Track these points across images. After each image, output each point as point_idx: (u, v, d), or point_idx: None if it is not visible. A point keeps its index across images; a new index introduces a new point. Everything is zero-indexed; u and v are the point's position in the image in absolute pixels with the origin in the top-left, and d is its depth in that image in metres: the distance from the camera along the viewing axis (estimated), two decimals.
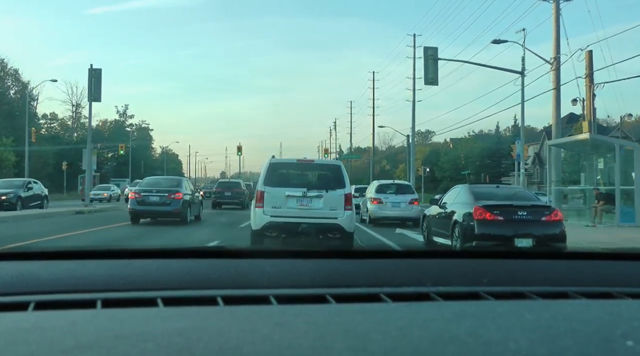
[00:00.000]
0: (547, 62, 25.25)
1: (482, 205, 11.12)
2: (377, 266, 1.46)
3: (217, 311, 1.06)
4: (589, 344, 0.85)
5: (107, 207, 32.67)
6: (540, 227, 11.09)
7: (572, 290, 1.28)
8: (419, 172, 60.86)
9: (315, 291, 1.21)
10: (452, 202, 12.60)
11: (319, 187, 11.57)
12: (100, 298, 1.13)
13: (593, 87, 25.88)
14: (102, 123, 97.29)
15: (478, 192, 12.11)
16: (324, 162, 16.07)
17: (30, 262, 1.43)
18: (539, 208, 11.55)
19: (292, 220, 11.15)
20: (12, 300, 1.11)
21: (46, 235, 14.98)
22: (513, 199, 11.88)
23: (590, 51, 25.18)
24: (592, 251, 1.84)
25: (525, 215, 11.13)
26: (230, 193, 31.64)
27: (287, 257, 1.56)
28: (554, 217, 11.30)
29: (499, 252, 1.71)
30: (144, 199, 18.79)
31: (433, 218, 13.55)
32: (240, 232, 15.93)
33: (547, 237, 10.98)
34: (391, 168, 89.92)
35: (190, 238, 15.04)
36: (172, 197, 18.86)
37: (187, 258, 1.50)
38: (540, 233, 10.98)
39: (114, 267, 1.38)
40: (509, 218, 11.00)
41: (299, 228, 11.11)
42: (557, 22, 25.13)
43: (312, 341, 0.84)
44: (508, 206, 11.24)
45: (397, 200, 20.32)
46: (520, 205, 11.38)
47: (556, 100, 25.00)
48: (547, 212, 11.42)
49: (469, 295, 1.23)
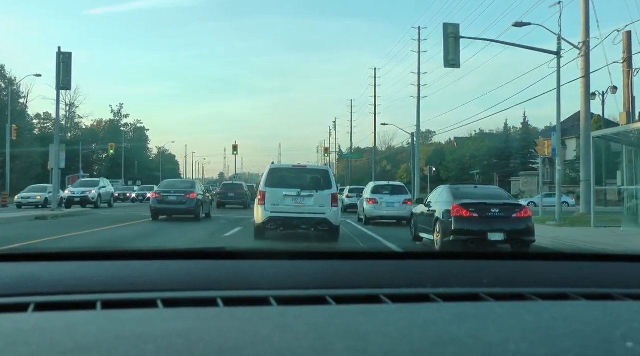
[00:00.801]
0: (575, 47, 22.94)
1: (459, 203, 12.32)
2: (377, 267, 1.46)
3: (217, 313, 1.06)
4: (589, 345, 0.85)
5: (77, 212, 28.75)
6: (511, 223, 12.19)
7: (572, 291, 1.28)
8: (425, 172, 59.23)
9: (316, 292, 1.21)
10: (435, 201, 13.77)
11: (311, 188, 13.80)
12: (100, 300, 1.12)
13: (632, 73, 22.82)
14: (97, 124, 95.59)
15: (457, 192, 13.28)
16: (315, 167, 18.48)
17: (30, 263, 1.43)
18: (510, 206, 12.70)
19: (288, 215, 13.39)
20: (12, 301, 1.11)
21: None
22: (488, 198, 12.99)
23: (629, 32, 22.39)
24: (591, 252, 1.84)
25: (497, 212, 12.30)
26: (234, 194, 34.02)
27: (287, 258, 1.56)
28: (524, 214, 12.48)
29: (499, 253, 1.71)
30: (163, 199, 21.62)
31: (419, 216, 14.81)
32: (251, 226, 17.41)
33: (516, 232, 12.13)
34: (392, 169, 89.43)
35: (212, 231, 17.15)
36: (188, 196, 21.54)
37: (187, 259, 1.49)
38: (510, 228, 12.09)
39: (113, 268, 1.38)
40: (483, 215, 12.18)
41: (294, 222, 13.48)
42: (586, 3, 23.22)
43: (312, 343, 0.84)
44: (482, 204, 12.38)
45: (392, 201, 21.48)
46: (493, 203, 12.56)
47: (586, 88, 22.84)
48: (518, 209, 12.57)
49: (469, 297, 1.23)
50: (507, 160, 66.17)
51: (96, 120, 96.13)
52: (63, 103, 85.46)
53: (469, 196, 12.88)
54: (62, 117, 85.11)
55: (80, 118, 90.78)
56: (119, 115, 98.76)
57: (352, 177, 74.28)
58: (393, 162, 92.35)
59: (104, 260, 1.48)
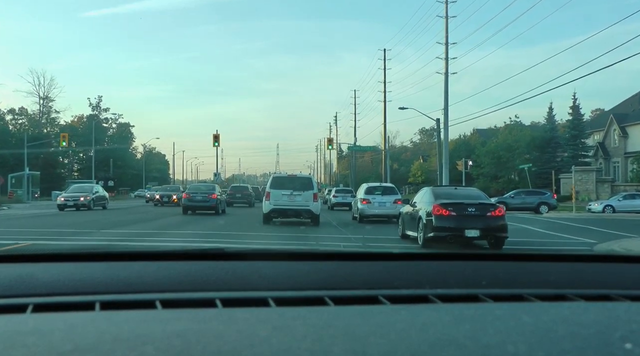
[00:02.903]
0: None
1: (439, 203, 13.69)
2: (375, 268, 1.47)
3: (216, 314, 1.06)
4: (588, 347, 0.85)
5: None
6: (486, 221, 13.46)
7: (571, 292, 1.28)
8: (459, 167, 48.85)
9: (314, 293, 1.21)
10: (419, 201, 15.14)
11: (299, 189, 20.61)
12: (98, 301, 1.12)
13: None
14: (77, 120, 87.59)
15: (438, 193, 14.73)
16: (303, 175, 25.08)
17: (29, 264, 1.43)
18: (485, 205, 13.99)
19: (284, 207, 20.48)
20: (11, 302, 1.11)
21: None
22: (466, 198, 14.31)
23: None
24: (590, 253, 1.84)
25: (473, 210, 13.62)
26: (240, 195, 41.67)
27: (286, 259, 1.56)
28: (498, 212, 13.71)
29: (498, 254, 1.71)
30: (192, 198, 28.94)
31: (406, 215, 16.10)
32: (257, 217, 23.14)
33: (490, 228, 13.41)
34: (400, 167, 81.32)
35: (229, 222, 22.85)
36: (210, 196, 29.01)
37: (186, 261, 1.49)
38: (485, 225, 13.38)
39: (112, 269, 1.38)
40: (460, 213, 13.46)
41: (288, 212, 20.49)
42: None
43: (311, 344, 0.84)
44: (460, 204, 13.71)
45: (383, 201, 23.68)
46: (470, 202, 13.91)
47: None
48: (492, 208, 13.81)
49: (467, 298, 1.23)
50: (554, 153, 55.71)
51: (77, 116, 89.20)
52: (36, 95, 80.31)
53: (449, 197, 14.30)
54: (36, 112, 79.42)
55: (57, 113, 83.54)
56: (97, 108, 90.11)
57: (358, 177, 65.37)
58: (398, 161, 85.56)
59: (103, 261, 1.48)
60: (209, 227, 19.50)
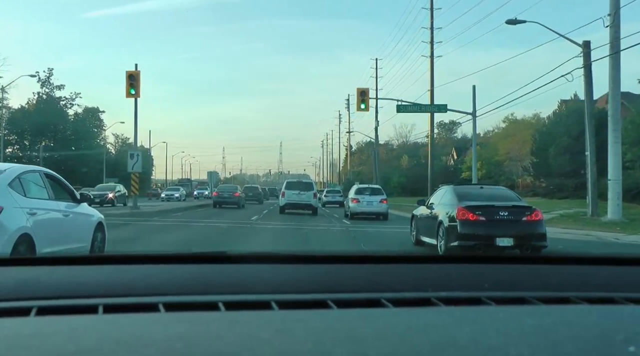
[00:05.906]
0: None
1: (464, 205, 11.50)
2: (378, 271, 1.47)
3: (218, 317, 1.06)
4: (591, 350, 0.85)
5: None
6: (521, 227, 11.36)
7: (574, 295, 1.27)
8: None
9: (316, 296, 1.21)
10: (438, 202, 12.95)
11: (304, 190, 30.04)
12: (101, 304, 1.13)
13: None
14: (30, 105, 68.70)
15: (462, 193, 12.44)
16: (307, 180, 36.57)
17: (32, 267, 1.44)
18: (520, 208, 11.77)
19: (294, 202, 29.61)
20: (15, 306, 1.11)
21: None
22: (495, 200, 12.12)
23: None
24: (593, 256, 1.84)
25: (506, 215, 11.43)
26: (252, 194, 48.42)
27: (288, 262, 1.56)
28: (535, 217, 11.55)
29: (501, 257, 1.70)
30: (220, 195, 38.57)
31: (421, 218, 14.04)
32: (274, 209, 35.23)
33: (527, 237, 11.28)
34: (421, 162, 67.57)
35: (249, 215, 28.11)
36: (234, 194, 38.66)
37: (189, 264, 1.50)
38: (520, 232, 11.27)
39: (115, 272, 1.38)
40: (490, 218, 11.32)
41: (297, 205, 29.46)
42: None
43: (313, 347, 0.84)
44: (490, 207, 11.52)
45: (371, 200, 27.34)
46: (502, 205, 11.66)
47: None
48: (528, 212, 11.63)
49: (470, 300, 1.23)
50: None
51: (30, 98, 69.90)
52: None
53: (475, 197, 12.06)
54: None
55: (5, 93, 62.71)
56: (47, 84, 68.69)
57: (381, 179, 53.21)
58: (416, 157, 76.48)
59: (106, 264, 1.48)
60: (240, 216, 26.32)
